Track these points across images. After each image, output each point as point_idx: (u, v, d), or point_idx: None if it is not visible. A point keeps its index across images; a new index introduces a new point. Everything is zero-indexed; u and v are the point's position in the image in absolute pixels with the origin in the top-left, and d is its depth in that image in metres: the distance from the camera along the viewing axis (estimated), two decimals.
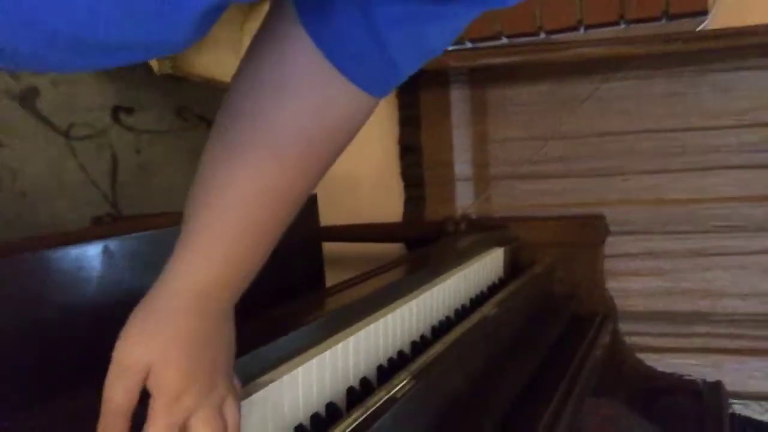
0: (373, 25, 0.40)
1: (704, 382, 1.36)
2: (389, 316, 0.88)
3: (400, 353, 0.89)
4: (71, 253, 0.82)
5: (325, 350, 0.72)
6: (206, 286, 0.47)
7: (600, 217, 1.58)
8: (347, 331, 0.79)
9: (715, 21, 1.40)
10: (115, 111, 1.62)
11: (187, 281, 0.46)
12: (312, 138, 0.45)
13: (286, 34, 0.43)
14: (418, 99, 1.68)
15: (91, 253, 0.83)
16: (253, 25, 1.72)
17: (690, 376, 1.45)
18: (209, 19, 0.35)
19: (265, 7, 1.60)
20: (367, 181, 1.77)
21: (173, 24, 0.33)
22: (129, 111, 1.66)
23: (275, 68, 0.44)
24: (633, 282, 1.58)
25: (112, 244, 0.86)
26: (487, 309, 1.06)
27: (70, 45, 0.33)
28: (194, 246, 0.47)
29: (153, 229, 0.93)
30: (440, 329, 1.00)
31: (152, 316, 0.46)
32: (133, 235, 0.90)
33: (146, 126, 1.70)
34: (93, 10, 0.31)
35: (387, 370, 0.82)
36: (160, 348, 0.45)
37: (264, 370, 0.66)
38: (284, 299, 0.98)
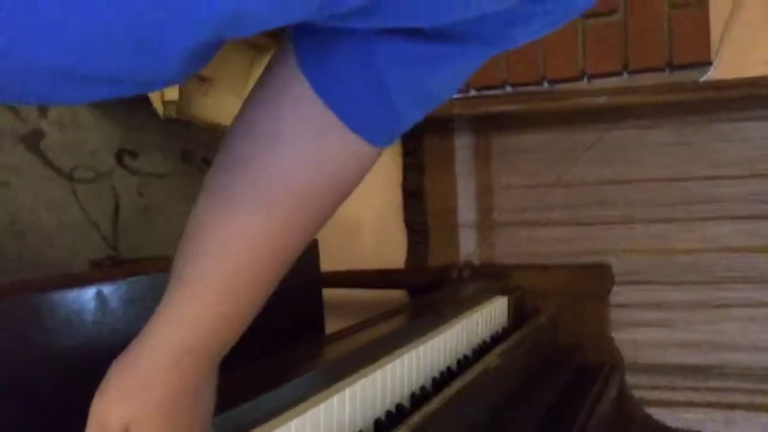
0: (373, 71, 0.39)
1: None
2: (388, 367, 0.85)
3: (399, 406, 0.86)
4: (66, 297, 0.80)
5: (321, 402, 0.70)
6: (191, 344, 0.45)
7: (606, 266, 1.56)
8: (344, 382, 0.77)
9: (718, 72, 1.40)
10: (119, 154, 1.63)
11: (171, 338, 0.44)
12: (306, 191, 0.43)
13: (285, 82, 0.42)
14: (422, 145, 1.69)
15: (86, 297, 0.82)
16: (259, 70, 1.74)
17: (700, 431, 1.40)
18: (202, 54, 0.34)
19: (273, 54, 1.61)
20: (369, 226, 1.76)
21: (158, 59, 0.32)
22: (133, 154, 1.66)
23: (271, 116, 0.42)
24: (641, 333, 1.54)
25: (107, 288, 0.85)
26: (490, 360, 1.03)
27: (53, 76, 0.32)
28: (180, 301, 0.45)
29: (150, 273, 0.91)
30: (441, 381, 0.97)
31: (133, 374, 0.44)
32: (128, 279, 0.88)
33: (150, 169, 1.71)
34: (74, 43, 0.30)
35: (385, 425, 0.79)
36: (139, 409, 0.43)
37: (256, 423, 0.64)
38: (283, 346, 0.96)
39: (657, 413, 1.47)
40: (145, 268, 0.94)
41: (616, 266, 1.56)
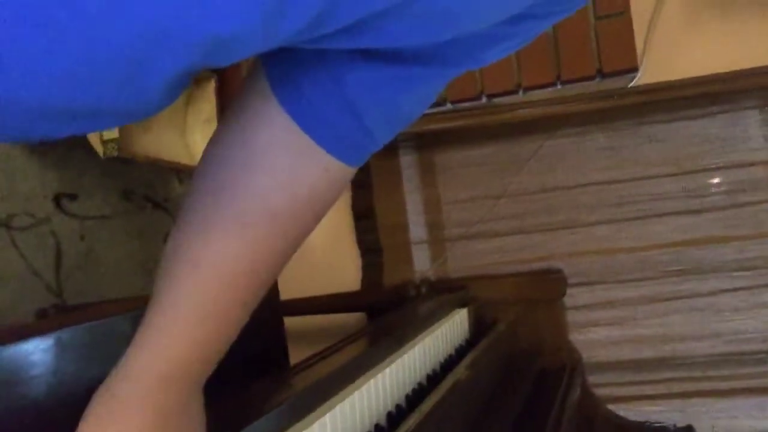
0: (345, 94, 0.40)
1: (675, 427, 1.36)
2: (363, 389, 0.85)
3: (377, 426, 0.86)
4: (21, 349, 0.77)
5: (304, 430, 0.69)
6: (169, 370, 0.45)
7: (557, 271, 1.60)
8: (321, 409, 0.76)
9: (645, 77, 1.48)
10: (58, 198, 1.57)
11: (149, 365, 0.44)
12: (281, 213, 0.44)
13: (259, 106, 0.42)
14: (368, 165, 1.70)
15: (43, 347, 0.78)
16: (197, 104, 1.72)
17: (661, 422, 1.45)
18: (182, 83, 0.34)
19: (210, 87, 1.58)
20: (322, 250, 1.75)
21: (142, 89, 0.32)
22: (72, 197, 1.61)
23: (245, 140, 0.43)
24: (595, 332, 1.59)
25: (65, 335, 0.81)
26: (459, 372, 1.04)
27: (32, 111, 0.31)
28: (159, 327, 0.45)
29: (103, 317, 0.88)
30: (414, 397, 0.98)
31: (114, 402, 0.44)
32: (87, 325, 0.85)
33: (91, 212, 1.65)
34: (59, 78, 0.29)
35: None
36: None
37: None
38: (248, 380, 0.94)
39: (618, 409, 1.51)
40: (96, 312, 0.91)
41: (566, 270, 1.61)
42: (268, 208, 0.43)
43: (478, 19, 0.37)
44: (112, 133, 1.40)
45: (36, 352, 0.78)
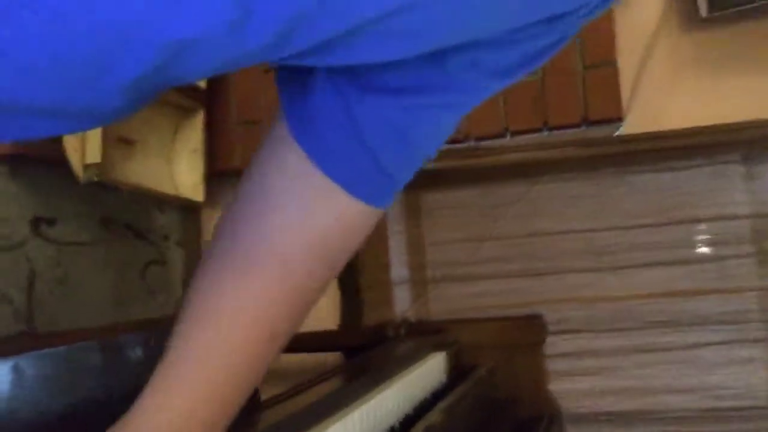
0: (356, 129, 0.40)
1: None
2: (331, 429, 0.82)
3: None
4: None
5: None
6: (182, 426, 0.44)
7: (538, 317, 1.58)
8: None
9: (631, 126, 1.49)
10: (35, 222, 1.55)
11: (162, 417, 0.44)
12: (295, 255, 0.43)
13: (281, 152, 0.43)
14: None
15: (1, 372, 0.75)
16: (185, 133, 1.71)
17: None
18: (144, 92, 0.34)
19: (198, 118, 1.58)
20: None
21: (103, 91, 0.32)
22: (50, 222, 1.58)
23: (263, 179, 0.43)
24: (576, 382, 1.57)
25: (24, 362, 0.78)
26: (433, 417, 1.01)
27: None
28: (173, 381, 0.44)
29: (68, 343, 0.86)
30: None
31: None
32: (48, 351, 0.82)
33: (69, 237, 1.62)
34: (16, 70, 0.29)
35: None
36: None
37: None
38: None
39: None
40: (64, 340, 0.88)
41: (549, 316, 1.59)
42: (278, 250, 0.43)
43: (440, 36, 0.37)
44: (95, 157, 1.39)
45: None
